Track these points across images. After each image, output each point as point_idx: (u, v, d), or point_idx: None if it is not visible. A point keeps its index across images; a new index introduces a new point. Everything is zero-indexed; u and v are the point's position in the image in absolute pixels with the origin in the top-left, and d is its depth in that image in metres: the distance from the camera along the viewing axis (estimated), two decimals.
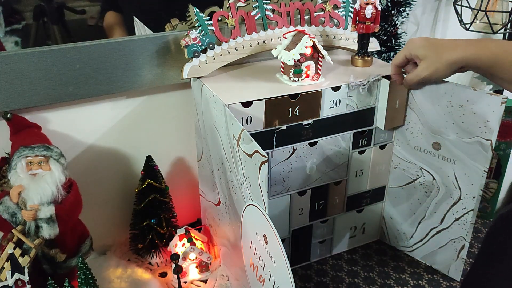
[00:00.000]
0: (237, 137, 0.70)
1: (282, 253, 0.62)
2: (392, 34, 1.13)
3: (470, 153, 0.85)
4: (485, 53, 0.75)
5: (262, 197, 0.64)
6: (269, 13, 0.93)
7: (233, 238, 0.86)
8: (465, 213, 0.90)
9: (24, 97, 0.83)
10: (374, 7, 0.91)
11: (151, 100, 0.98)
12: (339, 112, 0.88)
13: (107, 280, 0.90)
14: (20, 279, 0.76)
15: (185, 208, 1.08)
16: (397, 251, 1.05)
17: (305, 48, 0.84)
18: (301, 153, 0.88)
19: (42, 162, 0.79)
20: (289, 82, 0.87)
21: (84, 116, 0.92)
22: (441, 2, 1.30)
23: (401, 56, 0.84)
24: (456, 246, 0.94)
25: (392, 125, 0.93)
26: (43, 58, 0.82)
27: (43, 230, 0.79)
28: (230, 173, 0.80)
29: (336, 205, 0.98)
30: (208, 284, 0.94)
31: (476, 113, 0.82)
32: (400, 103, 0.90)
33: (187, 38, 0.86)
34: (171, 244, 0.96)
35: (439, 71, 0.79)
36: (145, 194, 0.95)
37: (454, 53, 0.77)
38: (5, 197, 0.79)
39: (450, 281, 0.96)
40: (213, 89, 0.83)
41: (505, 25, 1.19)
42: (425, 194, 0.96)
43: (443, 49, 0.78)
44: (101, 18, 0.99)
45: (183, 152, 1.06)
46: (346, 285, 0.96)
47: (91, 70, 0.86)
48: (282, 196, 0.91)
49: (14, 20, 0.90)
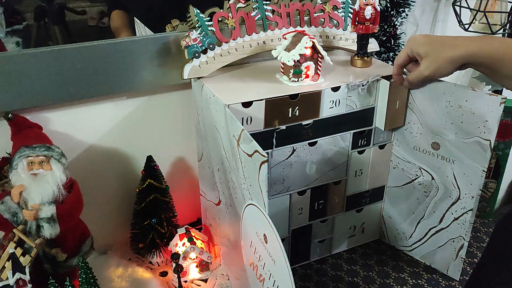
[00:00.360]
0: (237, 137, 0.70)
1: (282, 252, 0.62)
2: (392, 35, 1.14)
3: (469, 153, 0.86)
4: (488, 49, 0.74)
5: (262, 197, 0.65)
6: (269, 13, 0.93)
7: (233, 237, 0.86)
8: (464, 213, 0.91)
9: (25, 97, 0.83)
10: (373, 7, 0.91)
11: (151, 101, 0.98)
12: (338, 112, 0.89)
13: (107, 280, 0.90)
14: (21, 278, 0.77)
15: (186, 207, 1.08)
16: (396, 250, 1.06)
17: (305, 49, 0.84)
18: (301, 153, 0.89)
19: (43, 162, 0.79)
20: (289, 83, 0.87)
21: (85, 116, 0.93)
22: (440, 3, 1.31)
23: (403, 55, 0.84)
24: (455, 246, 0.94)
25: (392, 125, 0.93)
26: (44, 58, 0.82)
27: (44, 230, 0.79)
28: (230, 173, 0.80)
29: (335, 204, 0.99)
30: (208, 283, 0.95)
31: (475, 113, 0.82)
32: (400, 103, 0.91)
33: (188, 39, 0.86)
34: (171, 244, 0.96)
35: (441, 69, 0.79)
36: (146, 193, 0.95)
37: (456, 50, 0.76)
38: (6, 197, 0.79)
39: (449, 281, 0.97)
40: (213, 89, 0.83)
41: (504, 26, 1.19)
42: (424, 194, 0.96)
43: (444, 46, 0.78)
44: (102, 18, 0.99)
45: (184, 152, 1.07)
46: (345, 284, 0.96)
47: (92, 70, 0.87)
48: (282, 196, 0.91)
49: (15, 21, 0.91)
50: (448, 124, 0.87)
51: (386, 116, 0.90)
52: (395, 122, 0.93)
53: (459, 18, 1.19)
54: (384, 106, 0.90)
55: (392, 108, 0.90)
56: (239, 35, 0.91)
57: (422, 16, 1.30)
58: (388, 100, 0.89)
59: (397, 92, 0.89)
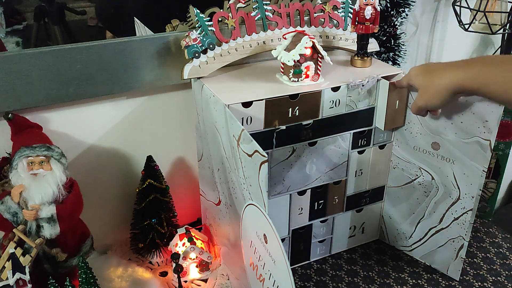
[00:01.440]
0: (237, 137, 0.70)
1: (282, 252, 0.62)
2: (392, 35, 1.14)
3: (469, 153, 0.86)
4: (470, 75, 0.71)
5: (262, 197, 0.65)
6: (269, 14, 0.93)
7: (233, 237, 0.86)
8: (464, 213, 0.91)
9: (25, 97, 0.83)
10: (373, 7, 0.91)
11: (151, 101, 0.98)
12: (338, 112, 0.89)
13: (107, 280, 0.90)
14: (21, 278, 0.77)
15: (186, 207, 1.08)
16: (396, 250, 1.06)
17: (305, 49, 0.84)
18: (301, 153, 0.89)
19: (43, 162, 0.79)
20: (289, 83, 0.87)
21: (85, 116, 0.93)
22: (440, 3, 1.31)
23: (404, 84, 0.84)
24: (455, 246, 0.94)
25: (392, 125, 0.94)
26: (44, 58, 0.82)
27: (44, 230, 0.79)
28: (230, 173, 0.80)
29: (335, 204, 0.99)
30: (208, 283, 0.95)
31: (475, 113, 0.82)
32: (400, 103, 0.91)
33: (188, 39, 0.86)
34: (171, 244, 0.96)
35: (434, 98, 0.77)
36: (146, 193, 0.95)
37: (444, 78, 0.74)
38: (6, 196, 0.79)
39: (449, 281, 0.97)
40: (213, 89, 0.83)
41: (504, 26, 1.19)
42: (424, 194, 0.96)
43: (434, 75, 0.76)
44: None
45: (184, 152, 1.07)
46: (345, 284, 0.96)
47: (92, 70, 0.87)
48: (282, 196, 0.91)
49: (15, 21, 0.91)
50: (448, 124, 0.87)
51: (386, 116, 0.90)
52: (395, 122, 0.93)
53: (459, 18, 1.19)
54: (384, 106, 0.90)
55: (392, 108, 0.90)
56: (239, 35, 0.91)
57: (422, 16, 1.30)
58: (388, 100, 0.89)
59: (397, 92, 0.89)
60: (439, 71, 0.76)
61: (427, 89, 0.77)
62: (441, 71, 0.75)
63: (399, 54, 1.16)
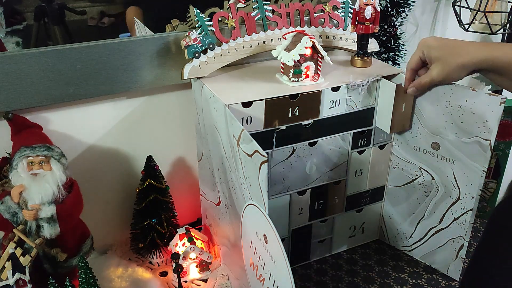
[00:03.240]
0: (237, 137, 0.70)
1: (282, 252, 0.62)
2: (392, 35, 1.14)
3: (469, 153, 0.86)
4: (499, 55, 0.73)
5: (262, 197, 0.65)
6: (269, 14, 0.93)
7: (233, 237, 0.86)
8: (464, 213, 0.91)
9: (25, 97, 0.83)
10: (373, 7, 0.91)
11: (151, 101, 0.98)
12: (338, 112, 0.89)
13: (107, 280, 0.90)
14: (21, 278, 0.77)
15: (186, 207, 1.08)
16: (396, 250, 1.06)
17: (305, 49, 0.84)
18: (301, 153, 0.89)
19: (43, 162, 0.79)
20: (289, 83, 0.87)
21: (85, 116, 0.93)
22: (440, 3, 1.31)
23: (416, 59, 0.83)
24: (455, 246, 0.94)
25: (399, 129, 0.93)
26: (44, 58, 0.82)
27: (44, 230, 0.79)
28: (230, 173, 0.80)
29: (335, 204, 0.99)
30: (208, 283, 0.95)
31: (475, 113, 0.82)
32: (406, 106, 0.90)
33: (188, 39, 0.86)
34: (171, 244, 0.96)
35: (452, 74, 0.78)
36: (146, 193, 0.95)
37: (468, 57, 0.75)
38: (6, 196, 0.79)
39: (449, 281, 0.97)
40: (213, 89, 0.83)
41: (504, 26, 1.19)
42: (424, 194, 0.96)
43: (456, 52, 0.76)
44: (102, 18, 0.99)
45: (184, 152, 1.07)
46: (345, 284, 0.96)
47: (92, 70, 0.87)
48: (282, 196, 0.91)
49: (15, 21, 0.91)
50: (448, 124, 0.87)
51: (393, 120, 0.90)
52: (401, 125, 0.92)
53: (459, 18, 1.19)
54: (386, 107, 0.90)
55: (398, 111, 0.89)
56: (239, 35, 0.91)
57: (422, 16, 1.30)
58: (394, 103, 0.88)
59: (403, 95, 0.88)
60: (460, 48, 0.76)
61: (448, 65, 0.77)
62: (463, 47, 0.76)
63: (399, 54, 1.16)
